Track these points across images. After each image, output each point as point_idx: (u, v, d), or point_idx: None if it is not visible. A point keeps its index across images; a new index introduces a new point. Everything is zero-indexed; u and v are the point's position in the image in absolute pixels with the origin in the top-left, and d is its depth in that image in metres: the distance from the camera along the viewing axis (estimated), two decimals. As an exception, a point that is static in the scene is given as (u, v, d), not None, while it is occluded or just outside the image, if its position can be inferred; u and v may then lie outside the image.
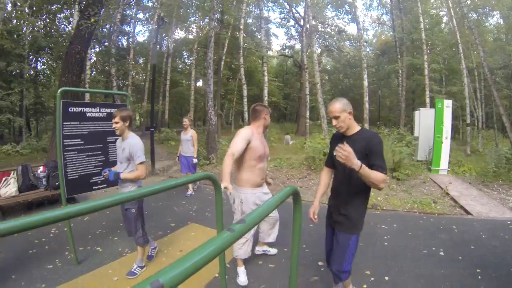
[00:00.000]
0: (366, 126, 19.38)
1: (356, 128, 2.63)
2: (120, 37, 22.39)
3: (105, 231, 5.15)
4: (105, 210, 3.60)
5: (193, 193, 7.67)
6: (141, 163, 3.46)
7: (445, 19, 23.30)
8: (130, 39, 23.62)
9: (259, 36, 25.57)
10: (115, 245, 4.61)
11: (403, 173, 8.80)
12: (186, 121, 7.31)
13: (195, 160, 7.20)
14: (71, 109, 4.07)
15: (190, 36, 28.12)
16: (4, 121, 13.94)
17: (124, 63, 20.81)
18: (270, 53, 28.72)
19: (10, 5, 14.80)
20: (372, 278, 3.64)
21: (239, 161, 3.38)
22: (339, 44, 29.09)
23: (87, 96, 16.34)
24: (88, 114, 4.32)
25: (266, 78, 21.32)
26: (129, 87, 21.44)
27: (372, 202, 6.64)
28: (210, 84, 12.13)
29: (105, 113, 4.53)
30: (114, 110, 4.57)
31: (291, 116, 40.45)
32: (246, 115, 22.75)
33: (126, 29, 23.23)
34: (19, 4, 15.53)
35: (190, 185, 7.73)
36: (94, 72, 19.83)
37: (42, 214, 1.11)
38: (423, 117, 11.05)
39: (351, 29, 58.38)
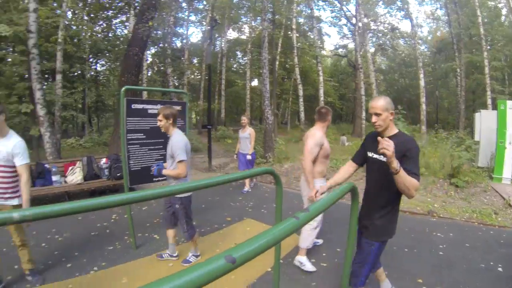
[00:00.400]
0: (423, 128, 18.45)
1: (394, 130, 2.52)
2: (174, 39, 23.39)
3: (162, 221, 5.46)
4: (163, 202, 3.87)
5: (249, 190, 7.79)
6: (180, 161, 3.43)
7: (504, 11, 21.35)
8: (184, 41, 24.54)
9: (311, 36, 25.34)
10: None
11: (462, 179, 8.25)
12: (244, 119, 7.46)
13: (249, 157, 7.33)
14: (133, 106, 4.37)
15: (243, 37, 28.59)
16: (68, 117, 15.21)
17: (179, 63, 21.71)
18: (323, 52, 28.34)
19: (70, 13, 16.08)
20: (424, 287, 3.50)
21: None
22: (393, 42, 27.92)
23: (145, 94, 17.30)
24: (149, 111, 4.62)
25: (321, 78, 21.12)
26: (185, 86, 22.29)
27: (429, 209, 6.34)
28: (266, 84, 12.32)
29: (165, 110, 4.79)
30: (175, 107, 4.87)
31: (347, 117, 39.46)
32: (302, 115, 22.70)
33: (180, 31, 24.19)
34: (77, 11, 16.84)
35: (247, 182, 7.86)
36: (150, 72, 20.91)
37: (109, 197, 1.26)
38: (484, 120, 10.21)
39: (405, 26, 55.67)
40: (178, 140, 3.47)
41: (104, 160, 7.58)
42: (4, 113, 2.97)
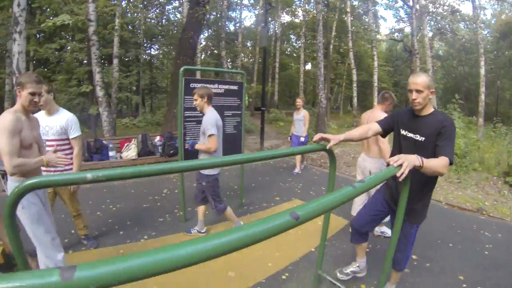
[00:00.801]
0: (481, 120, 17.25)
1: (430, 109, 2.43)
2: (227, 23, 23.70)
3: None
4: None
5: (299, 172, 7.88)
6: (210, 135, 3.58)
7: None
8: (237, 24, 24.80)
9: (366, 19, 24.46)
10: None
11: (519, 179, 7.74)
12: (299, 101, 7.57)
13: (302, 139, 7.43)
14: (192, 85, 4.61)
15: (297, 20, 28.23)
16: (123, 98, 16.19)
17: (233, 46, 22.08)
18: (378, 37, 27.21)
19: (125, 2, 17.03)
20: (465, 285, 3.38)
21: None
22: (453, 26, 25.98)
23: (198, 75, 17.83)
24: (207, 90, 4.86)
25: (376, 63, 20.44)
26: (239, 69, 22.66)
27: (479, 206, 6.07)
28: (320, 68, 12.24)
29: (223, 89, 5.03)
30: (231, 86, 5.11)
31: (401, 104, 37.99)
32: (355, 100, 22.23)
33: (233, 15, 24.43)
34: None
35: (298, 164, 7.96)
36: (204, 55, 21.48)
37: (167, 164, 1.48)
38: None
39: (466, 8, 51.43)
40: (209, 117, 3.64)
41: (158, 138, 8.07)
42: (52, 92, 3.20)
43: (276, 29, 26.88)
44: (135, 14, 17.79)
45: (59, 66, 14.94)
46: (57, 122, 3.22)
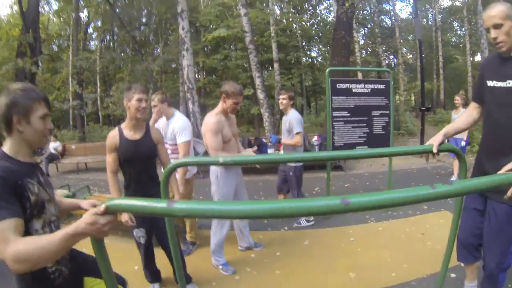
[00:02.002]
0: None
1: None
2: (382, 17, 22.27)
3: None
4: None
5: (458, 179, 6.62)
6: (298, 133, 3.93)
7: None
8: (393, 18, 22.99)
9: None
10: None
11: None
12: (458, 99, 6.46)
13: (463, 143, 6.19)
14: (338, 86, 4.64)
15: (457, 3, 23.87)
16: (287, 100, 17.39)
17: (390, 41, 20.71)
18: None
19: (278, 11, 18.31)
20: None
21: None
22: None
23: (360, 75, 17.53)
24: (354, 90, 4.80)
25: None
26: (400, 66, 21.13)
27: None
28: (484, 56, 10.25)
29: (369, 89, 4.87)
30: (377, 85, 4.90)
31: None
32: None
33: (387, 8, 22.74)
34: (283, 7, 19.03)
35: (455, 170, 6.46)
36: (364, 54, 20.88)
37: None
38: None
39: None
40: (295, 116, 4.01)
41: (315, 137, 8.34)
42: (166, 101, 3.44)
43: (436, 16, 23.28)
44: (290, 19, 18.80)
45: (226, 73, 17.36)
46: (170, 128, 3.44)
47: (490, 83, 1.88)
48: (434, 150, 1.81)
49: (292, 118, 4.02)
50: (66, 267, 1.42)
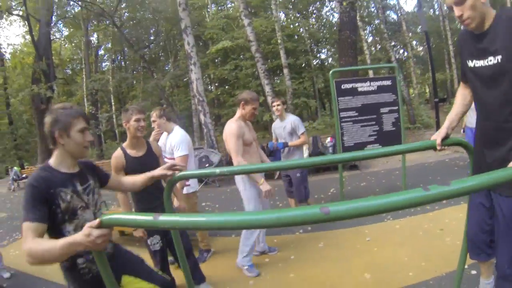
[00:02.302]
0: None
1: (491, 12, 1.53)
2: (388, 12, 22.06)
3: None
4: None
5: None
6: (303, 133, 4.15)
7: None
8: (399, 12, 22.73)
9: None
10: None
11: None
12: None
13: None
14: (343, 86, 4.65)
15: None
16: (300, 103, 17.30)
17: (398, 35, 20.51)
18: None
19: (283, 17, 18.48)
20: None
21: None
22: None
23: (371, 73, 17.37)
24: (359, 89, 4.80)
25: None
26: (411, 59, 20.87)
27: None
28: None
29: (375, 86, 4.86)
30: (383, 82, 4.88)
31: None
32: None
33: (391, 3, 22.52)
34: (289, 13, 19.29)
35: None
36: (374, 51, 20.73)
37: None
38: None
39: None
40: (296, 118, 4.24)
41: (329, 139, 8.33)
42: (164, 116, 3.48)
43: (442, 6, 22.80)
44: (297, 24, 18.99)
45: (237, 83, 17.58)
46: (169, 142, 3.48)
47: (470, 63, 1.71)
48: (438, 147, 1.74)
49: (294, 120, 4.18)
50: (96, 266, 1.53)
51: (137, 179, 1.90)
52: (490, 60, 1.56)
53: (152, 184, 2.68)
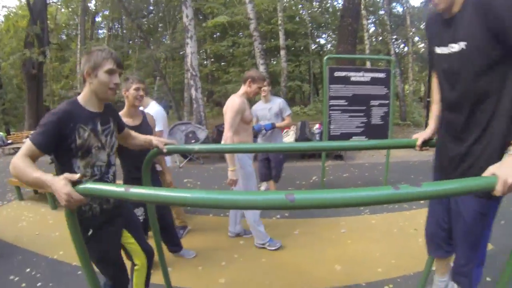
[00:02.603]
0: None
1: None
2: (394, 4, 21.72)
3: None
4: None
5: None
6: (289, 115, 4.22)
7: None
8: (404, 6, 22.43)
9: None
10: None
11: None
12: None
13: None
14: (336, 74, 4.56)
15: None
16: (294, 87, 17.19)
17: (401, 29, 20.27)
18: None
19: None
20: None
21: None
22: None
23: (368, 64, 17.27)
24: (352, 78, 4.72)
25: None
26: (410, 55, 20.76)
27: None
28: None
29: (369, 78, 4.78)
30: (377, 74, 4.79)
31: None
32: None
33: None
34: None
35: None
36: (375, 42, 20.50)
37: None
38: None
39: None
40: (282, 100, 4.30)
41: (317, 126, 8.22)
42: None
43: None
44: (300, 6, 18.66)
45: (233, 60, 17.36)
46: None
47: (438, 50, 1.58)
48: (417, 148, 1.75)
49: (281, 102, 4.23)
50: (99, 206, 1.67)
51: (139, 137, 1.95)
52: (453, 47, 1.46)
53: (144, 157, 2.70)
